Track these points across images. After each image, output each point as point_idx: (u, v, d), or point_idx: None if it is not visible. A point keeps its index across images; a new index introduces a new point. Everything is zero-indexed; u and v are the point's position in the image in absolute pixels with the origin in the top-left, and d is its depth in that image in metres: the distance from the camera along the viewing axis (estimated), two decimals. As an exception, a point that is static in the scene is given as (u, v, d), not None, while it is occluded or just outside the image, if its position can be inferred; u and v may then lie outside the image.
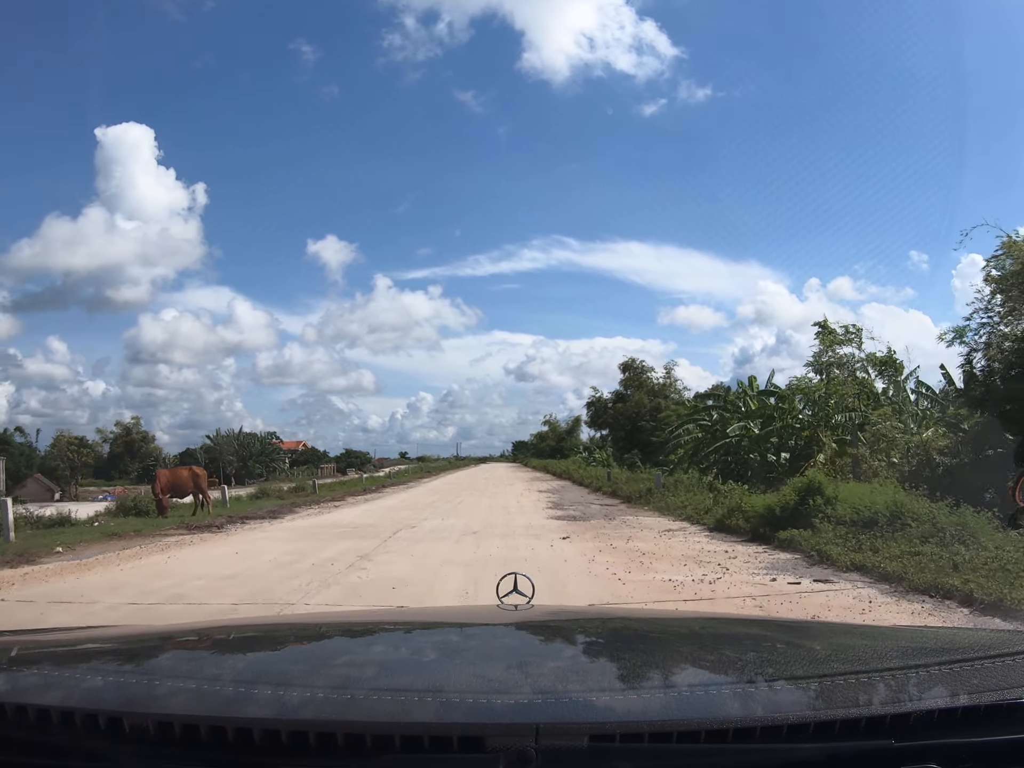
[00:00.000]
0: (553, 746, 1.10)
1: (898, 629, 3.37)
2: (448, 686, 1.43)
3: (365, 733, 1.12)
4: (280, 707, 1.28)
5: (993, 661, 1.54)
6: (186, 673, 1.59)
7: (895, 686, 1.43)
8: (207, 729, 1.14)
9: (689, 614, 4.52)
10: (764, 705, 1.34)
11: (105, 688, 1.43)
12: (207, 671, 1.68)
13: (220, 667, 1.74)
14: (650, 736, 1.12)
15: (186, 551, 12.63)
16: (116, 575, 9.98)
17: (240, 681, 1.51)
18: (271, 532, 16.05)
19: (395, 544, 12.91)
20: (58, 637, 2.20)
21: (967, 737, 1.19)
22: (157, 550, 12.65)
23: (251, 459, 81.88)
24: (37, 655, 1.76)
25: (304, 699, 1.32)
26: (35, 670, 1.56)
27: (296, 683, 1.47)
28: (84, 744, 1.17)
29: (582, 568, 9.71)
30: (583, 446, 73.78)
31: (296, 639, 2.13)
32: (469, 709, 1.25)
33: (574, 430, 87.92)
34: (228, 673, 1.65)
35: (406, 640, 2.08)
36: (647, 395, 52.75)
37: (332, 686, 1.45)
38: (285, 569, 10.15)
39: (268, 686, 1.42)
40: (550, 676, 1.54)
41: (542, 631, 2.09)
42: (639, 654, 1.81)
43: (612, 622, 2.48)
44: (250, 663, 1.78)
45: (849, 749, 1.16)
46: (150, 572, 10.22)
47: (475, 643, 1.96)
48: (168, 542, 13.85)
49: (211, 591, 8.48)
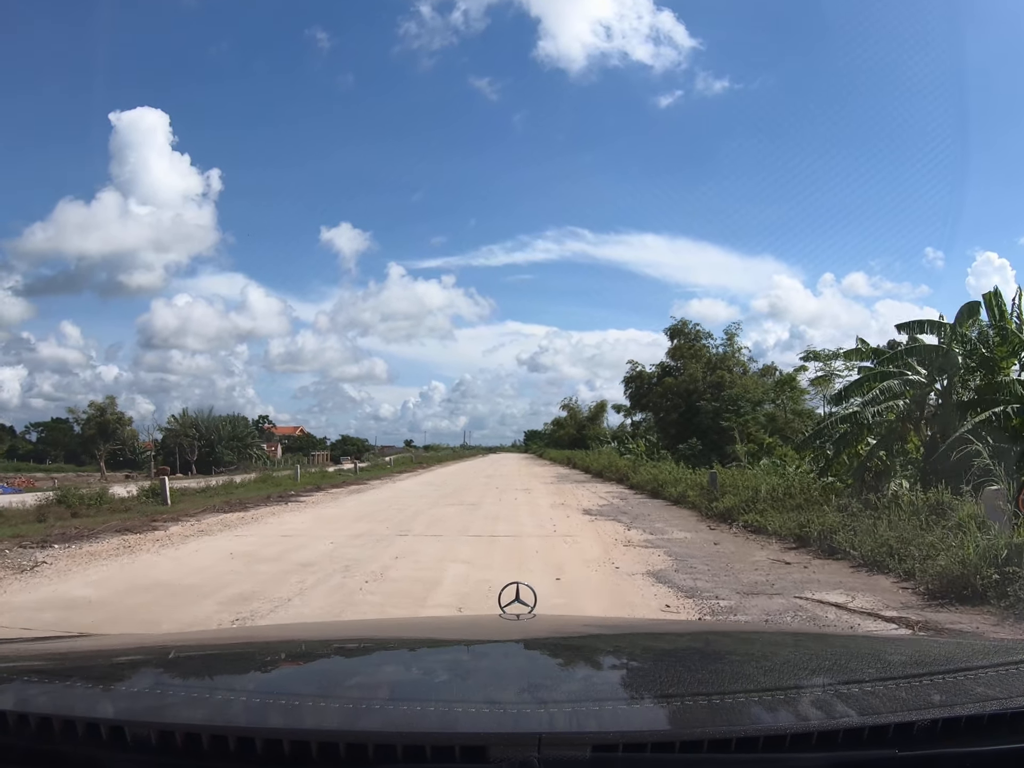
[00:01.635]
0: (556, 756, 1.08)
1: (901, 639, 3.41)
2: (450, 696, 1.46)
3: (367, 743, 1.11)
4: (282, 717, 1.28)
5: (996, 670, 1.53)
6: (187, 683, 1.60)
7: (898, 695, 1.39)
8: (209, 738, 1.12)
9: (691, 626, 4.52)
10: (767, 714, 1.30)
11: (105, 697, 1.38)
12: (209, 681, 1.65)
13: (222, 677, 1.71)
14: (653, 746, 1.11)
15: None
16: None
17: (242, 691, 1.48)
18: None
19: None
20: (61, 646, 2.18)
21: (970, 746, 1.17)
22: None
23: (220, 443, 69.22)
24: (37, 664, 1.73)
25: (306, 709, 1.31)
26: (36, 679, 1.52)
27: (297, 693, 1.45)
28: (85, 753, 1.15)
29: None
30: (611, 435, 60.24)
31: (296, 651, 2.08)
32: (472, 719, 1.26)
33: (597, 416, 74.69)
34: (230, 683, 1.61)
35: (408, 651, 2.04)
36: (704, 367, 38.73)
37: (334, 696, 1.45)
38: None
39: (269, 696, 1.41)
40: (552, 686, 1.54)
41: (544, 641, 2.06)
42: (642, 664, 1.85)
43: (614, 633, 2.47)
44: (252, 673, 1.76)
45: (852, 759, 1.15)
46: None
47: (478, 654, 1.95)
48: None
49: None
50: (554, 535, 12.26)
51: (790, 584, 8.01)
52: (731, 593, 7.57)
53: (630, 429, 53.65)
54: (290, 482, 28.15)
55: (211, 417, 71.86)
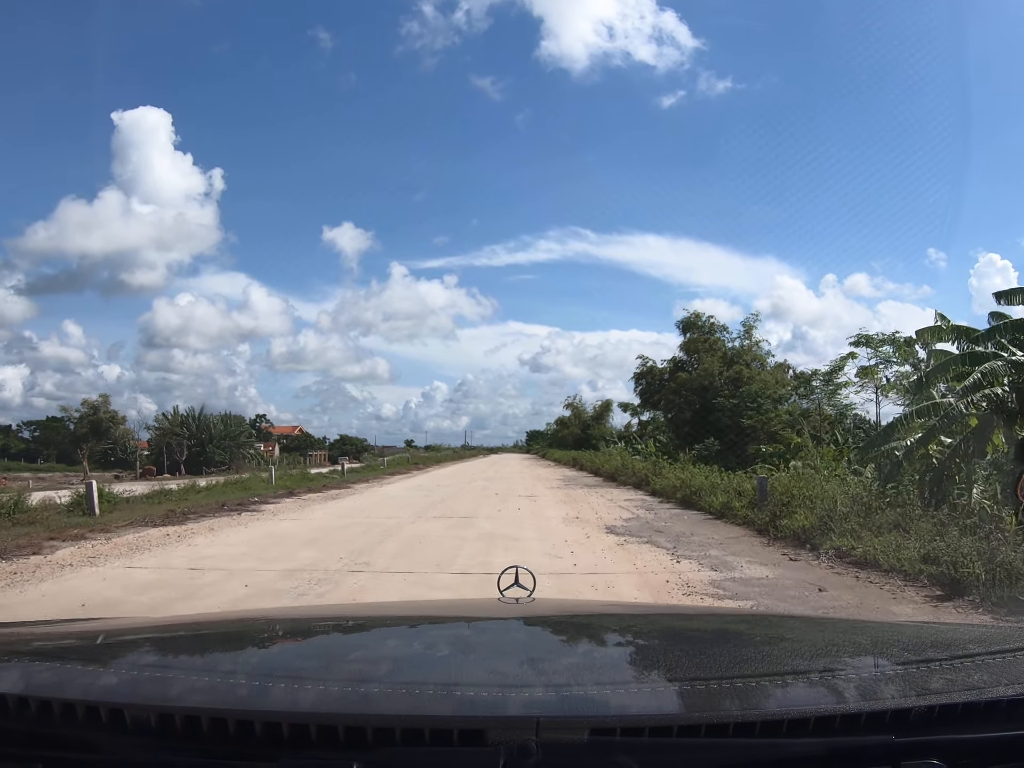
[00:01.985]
0: (554, 739, 1.09)
1: (899, 625, 3.20)
2: (449, 679, 1.45)
3: (365, 726, 1.11)
4: (280, 699, 1.28)
5: (994, 657, 1.54)
6: (186, 665, 1.61)
7: (896, 681, 1.41)
8: (208, 721, 1.13)
9: (690, 609, 4.65)
10: (764, 699, 1.31)
11: (106, 680, 1.39)
12: (208, 664, 1.66)
13: (221, 660, 1.72)
14: (651, 730, 1.13)
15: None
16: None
17: (241, 673, 1.49)
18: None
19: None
20: (60, 629, 2.17)
21: (968, 733, 1.18)
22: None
23: (211, 443, 66.38)
24: (36, 647, 1.74)
25: (304, 692, 1.32)
26: (36, 662, 1.53)
27: (296, 676, 1.46)
28: (85, 736, 1.16)
29: None
30: (617, 435, 57.15)
31: (295, 632, 2.09)
32: (470, 702, 1.27)
33: (603, 416, 71.55)
34: (229, 666, 1.62)
35: (407, 633, 2.05)
36: (720, 361, 35.17)
37: (332, 679, 1.45)
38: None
39: (268, 679, 1.41)
40: (551, 670, 1.54)
41: (543, 625, 2.09)
42: (640, 648, 1.86)
43: (612, 616, 2.50)
44: (251, 656, 1.76)
45: (850, 744, 1.16)
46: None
47: (476, 637, 1.96)
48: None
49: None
50: (574, 572, 8.68)
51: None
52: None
53: (637, 429, 50.80)
54: (263, 485, 25.12)
55: (202, 416, 68.75)
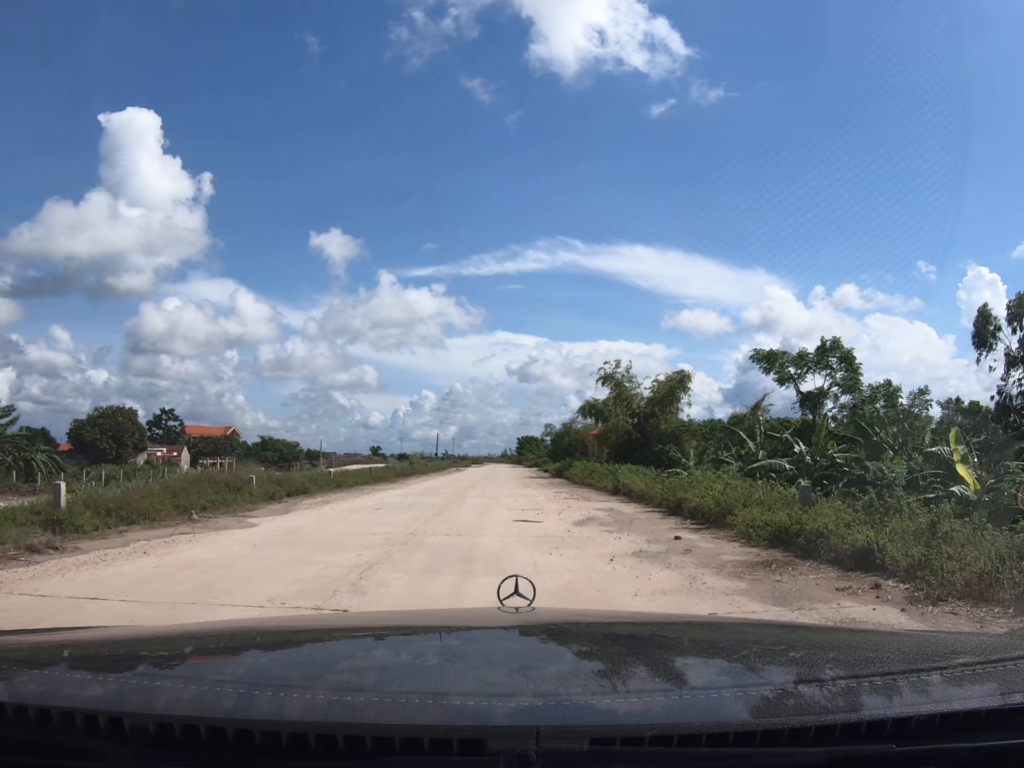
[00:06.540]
0: (554, 749, 1.09)
1: (900, 634, 3.27)
2: (449, 689, 1.45)
3: (365, 735, 1.12)
4: (280, 709, 1.27)
5: (994, 666, 1.55)
6: (186, 675, 1.62)
7: (896, 690, 1.42)
8: (207, 730, 1.13)
9: (690, 618, 4.66)
10: (765, 709, 1.31)
11: (104, 689, 1.41)
12: (208, 673, 1.66)
13: (221, 669, 1.72)
14: (651, 739, 1.12)
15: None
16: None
17: (241, 683, 1.49)
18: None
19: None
20: (60, 638, 2.16)
21: (968, 742, 1.18)
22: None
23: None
24: (38, 655, 1.73)
25: (304, 701, 1.31)
26: (36, 671, 1.52)
27: (296, 685, 1.45)
28: (84, 745, 1.16)
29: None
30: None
31: (296, 642, 2.09)
32: (470, 712, 1.27)
33: (672, 396, 43.74)
34: (229, 675, 1.62)
35: (407, 643, 2.05)
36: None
37: (332, 688, 1.45)
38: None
39: (268, 688, 1.40)
40: (551, 679, 1.54)
41: (543, 634, 2.07)
42: (640, 657, 1.82)
43: (613, 625, 2.49)
44: (251, 665, 1.76)
45: (851, 753, 1.15)
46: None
47: (476, 646, 1.97)
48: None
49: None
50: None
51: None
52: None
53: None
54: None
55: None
